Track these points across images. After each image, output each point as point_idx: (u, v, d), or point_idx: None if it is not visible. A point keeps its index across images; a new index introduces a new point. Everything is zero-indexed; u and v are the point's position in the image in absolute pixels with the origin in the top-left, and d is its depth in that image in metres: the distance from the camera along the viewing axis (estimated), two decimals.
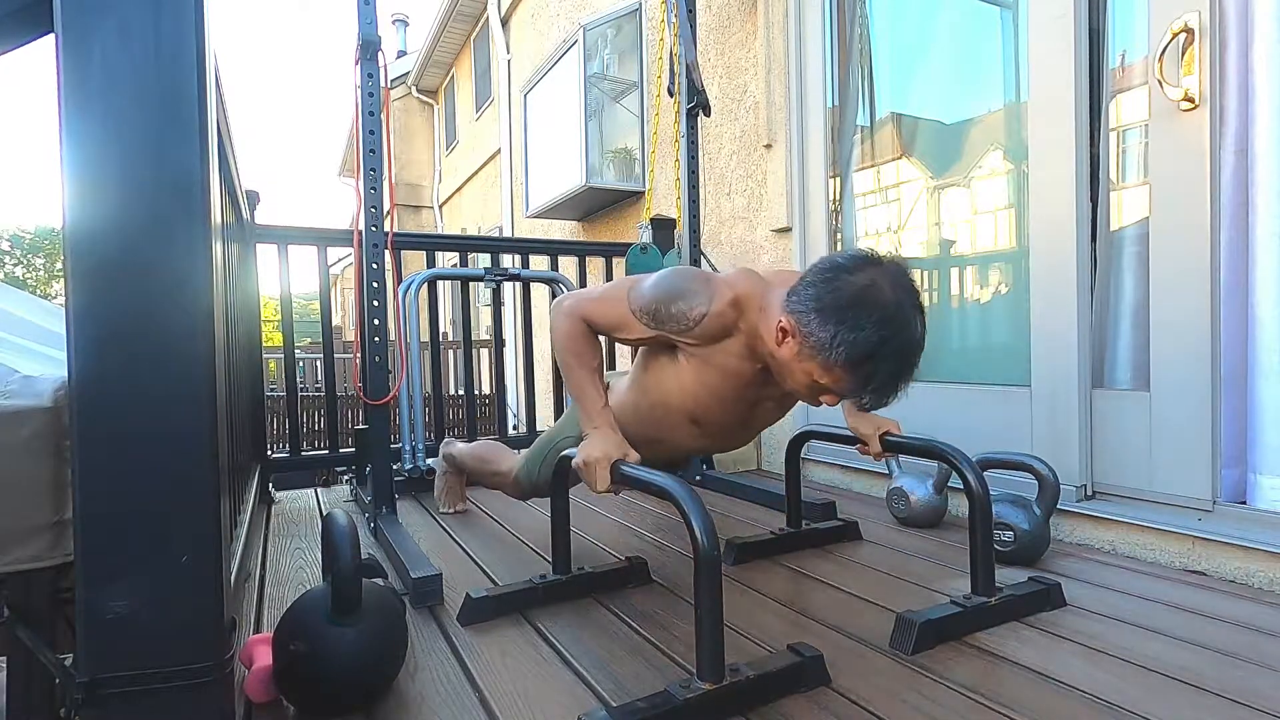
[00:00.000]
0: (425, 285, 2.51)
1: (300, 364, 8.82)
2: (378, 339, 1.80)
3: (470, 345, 2.77)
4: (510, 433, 2.84)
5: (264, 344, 2.41)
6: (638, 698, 0.91)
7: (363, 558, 0.99)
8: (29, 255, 33.90)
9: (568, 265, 3.19)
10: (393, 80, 10.95)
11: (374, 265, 1.79)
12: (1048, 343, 1.75)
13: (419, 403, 2.41)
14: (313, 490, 2.52)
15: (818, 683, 1.00)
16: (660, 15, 2.38)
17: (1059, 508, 1.63)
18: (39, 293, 29.67)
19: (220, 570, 0.77)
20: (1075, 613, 1.26)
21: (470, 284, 2.66)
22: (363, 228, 1.77)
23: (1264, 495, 1.41)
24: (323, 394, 5.84)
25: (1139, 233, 1.63)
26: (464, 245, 2.82)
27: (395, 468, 2.20)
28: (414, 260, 2.78)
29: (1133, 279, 1.66)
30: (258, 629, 1.28)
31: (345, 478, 2.70)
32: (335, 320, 16.32)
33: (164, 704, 0.74)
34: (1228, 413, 1.46)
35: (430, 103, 11.71)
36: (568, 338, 1.30)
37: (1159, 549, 1.53)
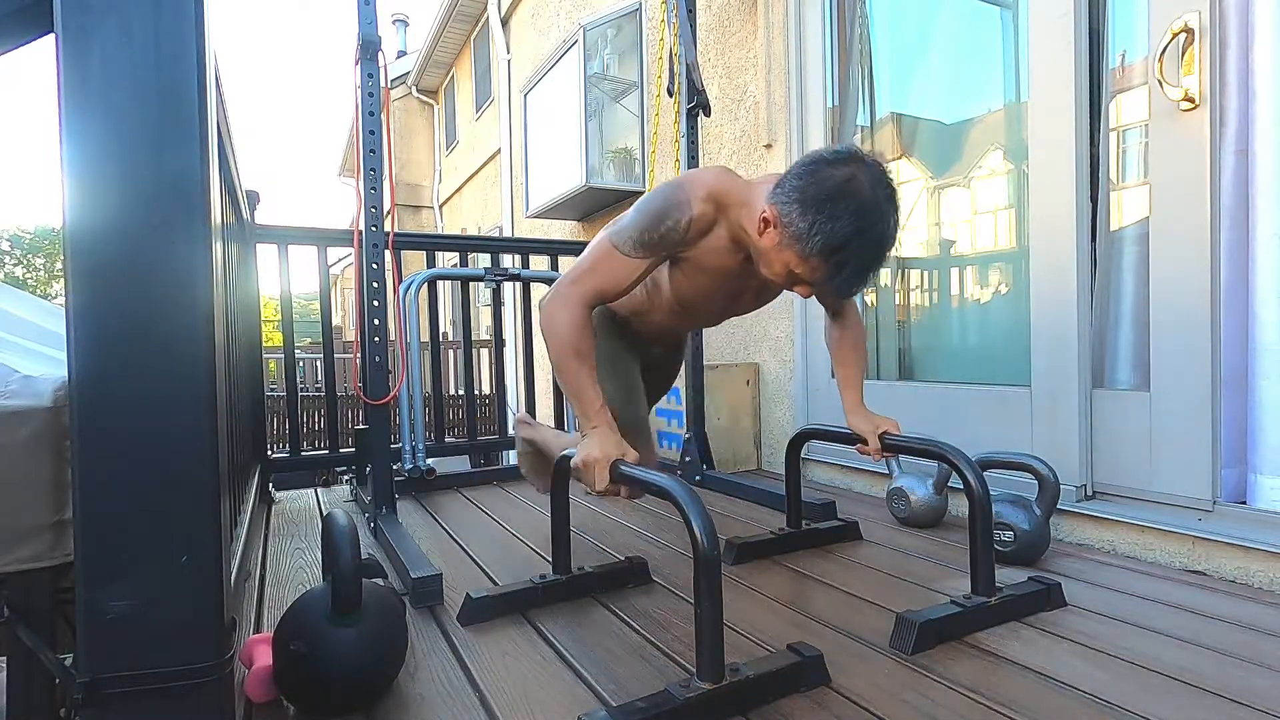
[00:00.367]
0: (425, 285, 2.51)
1: (300, 364, 8.82)
2: (378, 339, 1.80)
3: (470, 345, 2.77)
4: (510, 433, 2.84)
5: (264, 344, 2.41)
6: (638, 698, 0.91)
7: (363, 558, 0.99)
8: (29, 255, 33.90)
9: (567, 265, 3.19)
10: (393, 80, 10.95)
11: (374, 265, 1.79)
12: (1048, 343, 1.75)
13: (419, 403, 2.41)
14: (313, 490, 2.52)
15: (818, 683, 1.00)
16: (660, 15, 2.38)
17: (1059, 508, 1.63)
18: (39, 293, 29.67)
19: (220, 570, 0.77)
20: (1075, 613, 1.26)
21: (470, 284, 2.66)
22: (363, 228, 1.77)
23: (1264, 495, 1.41)
24: (323, 394, 5.84)
25: (1139, 233, 1.63)
26: (464, 245, 2.83)
27: (395, 468, 2.20)
28: (414, 260, 2.78)
29: (1133, 279, 1.66)
30: (258, 629, 1.28)
31: (345, 478, 2.70)
32: (335, 320, 16.32)
33: (164, 704, 0.74)
34: (1228, 413, 1.46)
35: (430, 103, 11.71)
36: (569, 331, 1.27)
37: (1159, 549, 1.53)
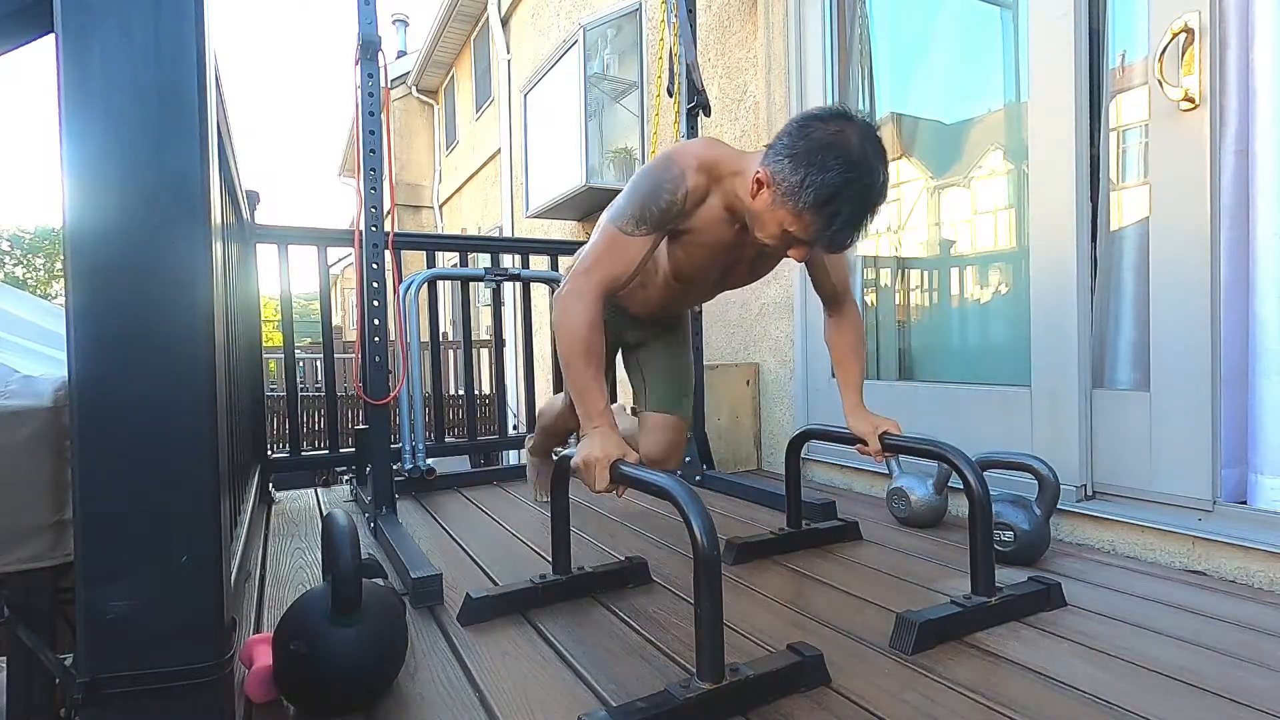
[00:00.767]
0: (425, 285, 2.51)
1: (300, 364, 8.82)
2: (378, 339, 1.80)
3: (470, 345, 2.76)
4: (510, 433, 2.84)
5: (264, 344, 2.41)
6: (638, 698, 0.91)
7: (363, 558, 0.99)
8: (29, 255, 33.90)
9: (568, 265, 3.19)
10: (393, 80, 10.95)
11: (374, 265, 1.79)
12: (1048, 343, 1.75)
13: (419, 403, 2.41)
14: (313, 490, 2.52)
15: (818, 683, 1.00)
16: (660, 15, 2.38)
17: (1059, 508, 1.63)
18: (39, 293, 29.67)
19: (220, 570, 0.77)
20: (1075, 613, 1.26)
21: (470, 284, 2.66)
22: (363, 228, 1.77)
23: (1264, 495, 1.41)
24: (323, 394, 5.84)
25: (1139, 233, 1.63)
26: (464, 245, 2.82)
27: (395, 468, 2.20)
28: (414, 260, 2.78)
29: (1133, 279, 1.66)
30: (258, 629, 1.28)
31: (345, 478, 2.70)
32: (335, 320, 16.32)
33: (164, 704, 0.74)
34: (1228, 413, 1.46)
35: (430, 103, 11.71)
36: (583, 328, 1.24)
37: (1159, 549, 1.53)
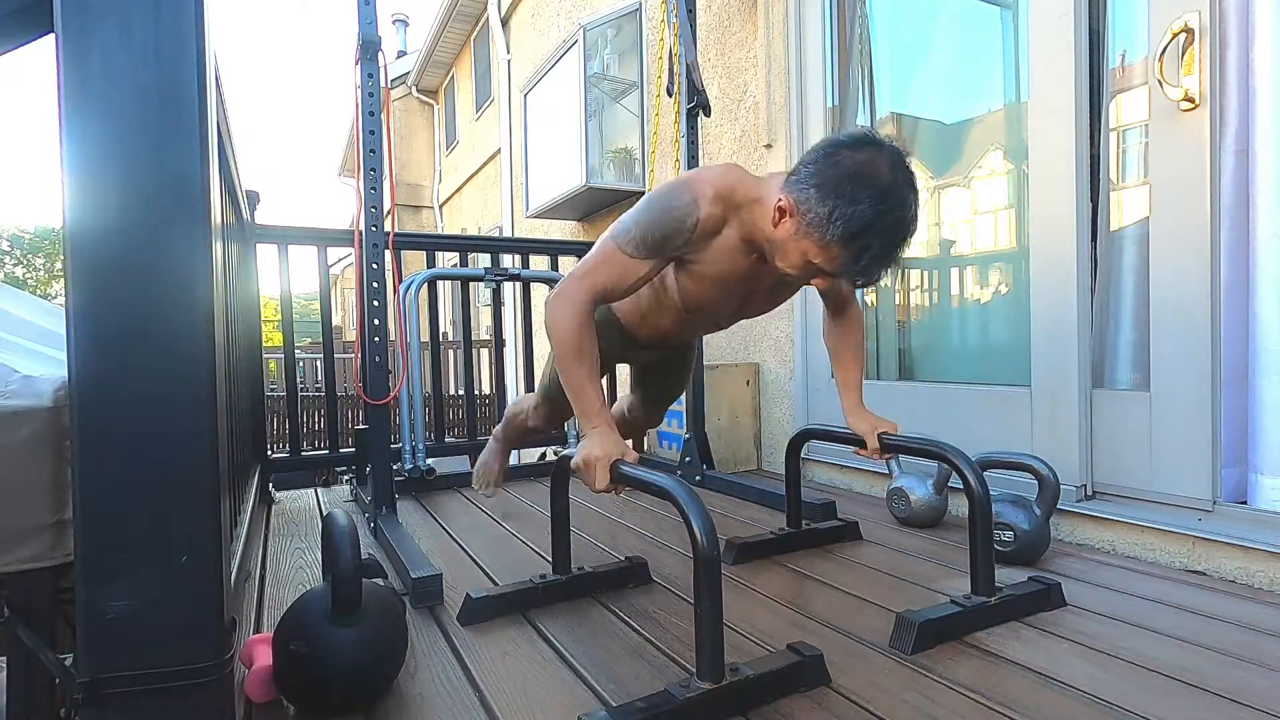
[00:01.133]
0: (425, 285, 2.51)
1: (300, 364, 8.82)
2: (378, 339, 1.80)
3: (470, 345, 2.77)
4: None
5: (264, 344, 2.41)
6: (638, 698, 0.91)
7: (363, 558, 0.99)
8: (29, 255, 33.90)
9: (568, 265, 3.18)
10: (393, 80, 10.95)
11: (374, 265, 1.79)
12: (1048, 343, 1.75)
13: (419, 403, 2.41)
14: (313, 490, 2.52)
15: (818, 682, 1.00)
16: (660, 15, 2.38)
17: (1059, 508, 1.63)
18: (39, 293, 29.67)
19: (220, 570, 0.77)
20: (1075, 613, 1.26)
21: (470, 284, 2.66)
22: (363, 228, 1.77)
23: (1264, 495, 1.41)
24: (323, 394, 5.84)
25: (1139, 233, 1.63)
26: (464, 245, 2.83)
27: (395, 468, 2.20)
28: (414, 260, 2.78)
29: (1133, 279, 1.66)
30: (258, 629, 1.28)
31: (345, 478, 2.70)
32: (335, 320, 16.32)
33: (164, 704, 0.74)
34: (1228, 413, 1.46)
35: (430, 103, 11.71)
36: (571, 330, 1.24)
37: (1159, 549, 1.53)
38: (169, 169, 0.74)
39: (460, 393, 6.35)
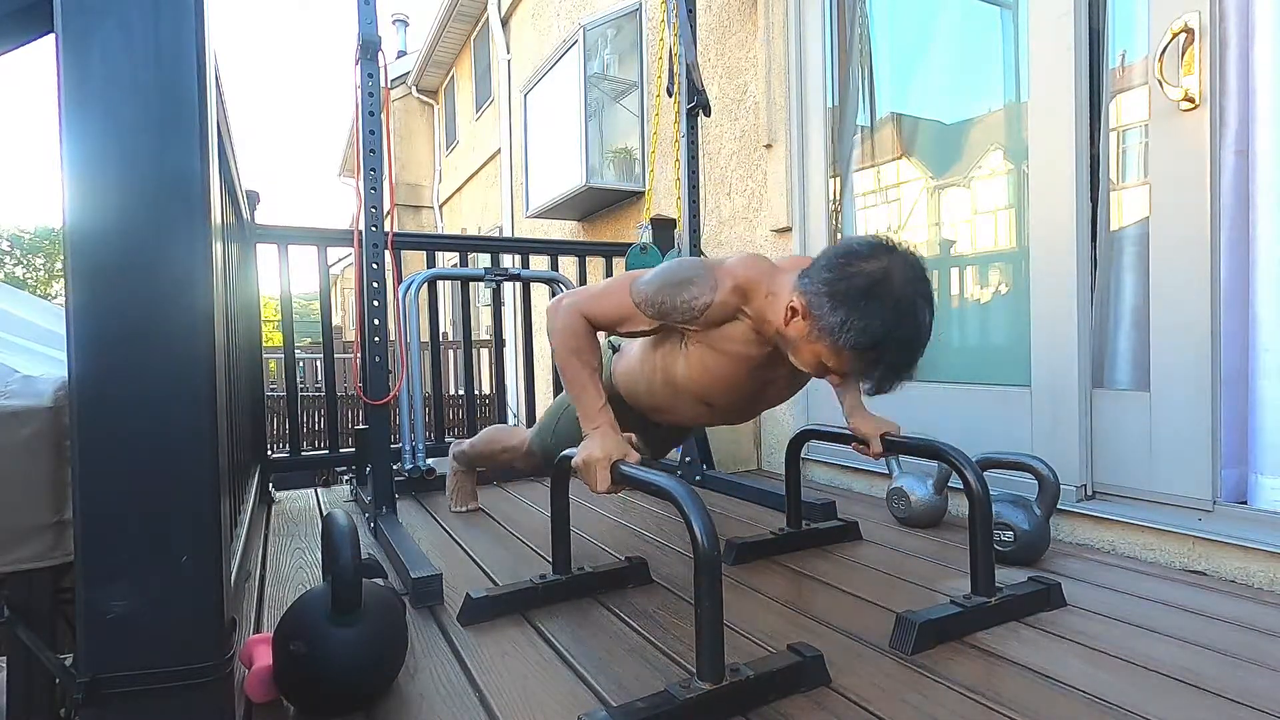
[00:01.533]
0: (425, 285, 2.51)
1: (300, 364, 8.82)
2: (378, 339, 1.80)
3: (470, 345, 2.77)
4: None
5: (264, 344, 2.41)
6: (638, 698, 0.91)
7: (363, 558, 0.99)
8: (29, 255, 33.89)
9: (568, 265, 3.19)
10: (393, 80, 10.95)
11: (374, 265, 1.79)
12: (1048, 343, 1.75)
13: (419, 403, 2.41)
14: (313, 490, 2.52)
15: (818, 683, 1.00)
16: (660, 15, 2.38)
17: (1059, 508, 1.63)
18: (39, 293, 29.66)
19: (220, 570, 0.77)
20: (1075, 613, 1.26)
21: (470, 284, 2.66)
22: (363, 228, 1.77)
23: (1264, 495, 1.41)
24: (323, 394, 5.84)
25: (1139, 233, 1.63)
26: (464, 245, 2.82)
27: (395, 468, 2.20)
28: (414, 260, 2.78)
29: (1133, 279, 1.66)
30: (258, 629, 1.28)
31: (345, 478, 2.70)
32: (335, 320, 16.32)
33: (164, 704, 0.74)
34: (1228, 413, 1.46)
35: (430, 103, 11.71)
36: (568, 335, 1.29)
37: (1159, 549, 1.53)
38: (169, 169, 0.74)
39: (460, 393, 6.35)
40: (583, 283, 2.92)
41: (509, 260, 2.83)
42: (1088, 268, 1.70)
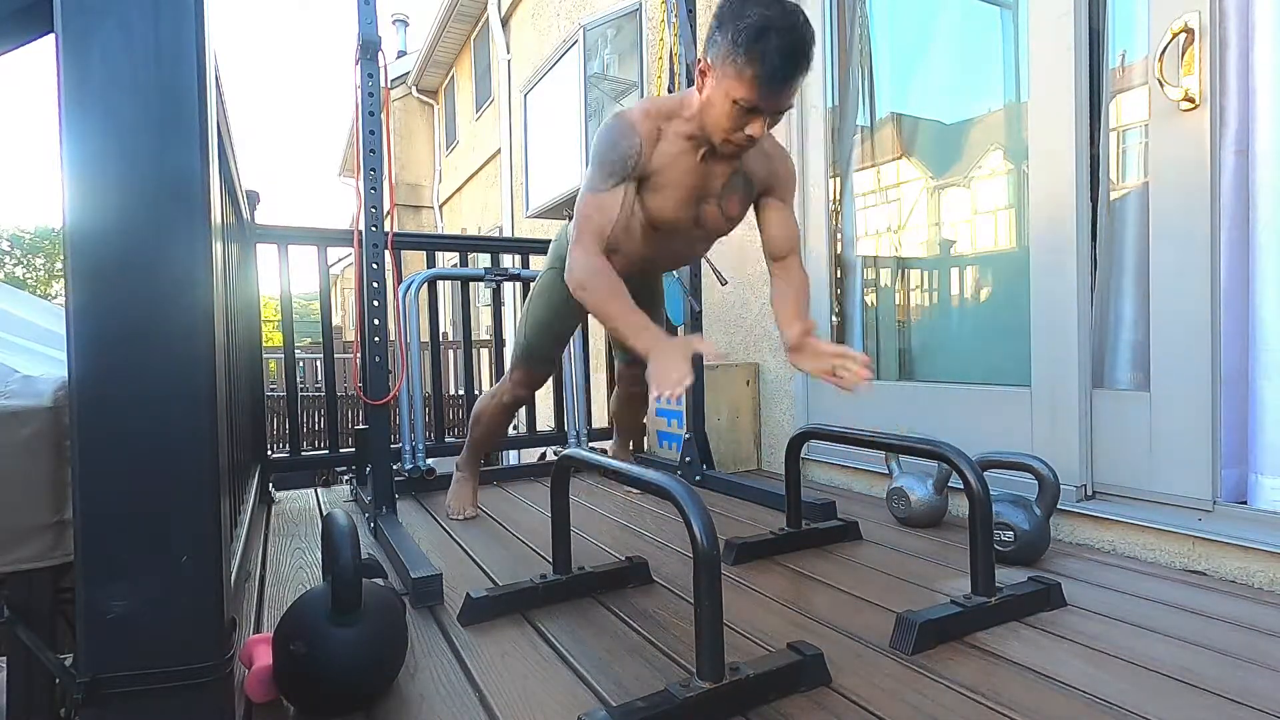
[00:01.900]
0: (425, 285, 2.51)
1: (300, 364, 8.82)
2: (378, 339, 1.80)
3: (470, 345, 2.77)
4: (510, 433, 2.84)
5: (264, 344, 2.41)
6: (638, 697, 0.91)
7: (363, 558, 0.99)
8: (29, 255, 33.91)
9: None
10: (393, 80, 10.95)
11: (374, 265, 1.79)
12: (1048, 343, 1.75)
13: (419, 403, 2.41)
14: (313, 490, 2.52)
15: (818, 682, 1.01)
16: (660, 15, 2.38)
17: (1059, 508, 1.63)
18: (39, 293, 29.67)
19: (220, 570, 0.77)
20: (1075, 613, 1.26)
21: (470, 284, 2.66)
22: (363, 228, 1.77)
23: (1264, 495, 1.41)
24: (323, 394, 5.84)
25: (1139, 233, 1.63)
26: (464, 245, 2.83)
27: (395, 468, 2.20)
28: (414, 260, 2.78)
29: (1133, 279, 1.66)
30: (258, 629, 1.28)
31: (345, 478, 2.70)
32: (335, 320, 16.32)
33: (164, 704, 0.74)
34: (1228, 413, 1.46)
35: (430, 103, 11.71)
36: (592, 279, 1.37)
37: (1159, 549, 1.53)
38: (169, 169, 0.74)
39: (460, 393, 6.35)
40: None
41: (509, 260, 2.83)
42: (1088, 268, 1.70)
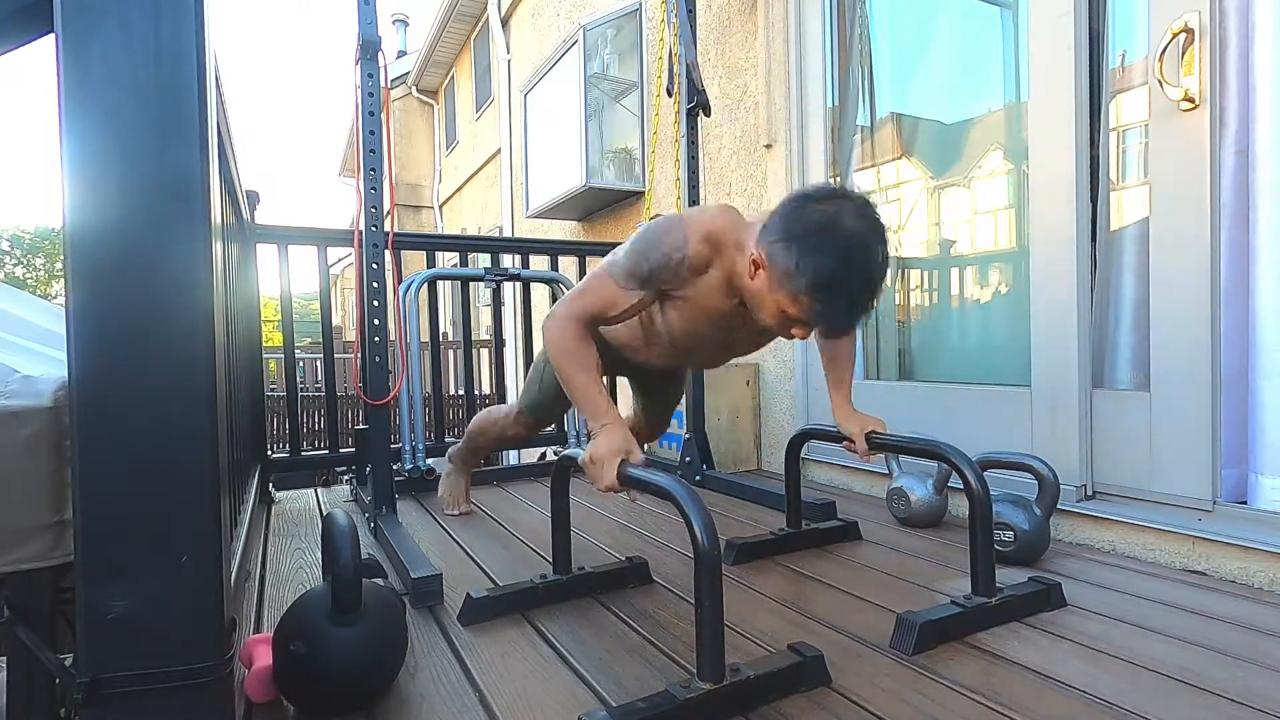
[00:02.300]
0: (425, 285, 2.51)
1: (300, 364, 8.82)
2: (378, 339, 1.80)
3: (470, 345, 2.77)
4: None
5: (264, 344, 2.41)
6: (638, 698, 0.91)
7: (363, 558, 0.99)
8: (29, 255, 33.91)
9: (568, 265, 3.19)
10: (393, 80, 10.95)
11: (374, 265, 1.79)
12: (1048, 343, 1.75)
13: (419, 403, 2.41)
14: (313, 490, 2.52)
15: (818, 683, 1.00)
16: (660, 15, 2.38)
17: (1059, 508, 1.63)
18: (39, 293, 29.67)
19: (220, 570, 0.77)
20: (1075, 613, 1.26)
21: (470, 284, 2.66)
22: (363, 228, 1.77)
23: (1264, 495, 1.41)
24: (323, 394, 5.84)
25: (1139, 233, 1.63)
26: (464, 245, 2.82)
27: (395, 468, 2.20)
28: (414, 260, 2.78)
29: (1133, 279, 1.66)
30: (258, 629, 1.28)
31: (345, 478, 2.70)
32: (335, 320, 16.32)
33: (164, 704, 0.74)
34: (1228, 413, 1.46)
35: (430, 103, 11.71)
36: (565, 344, 1.31)
37: (1159, 549, 1.53)
38: (169, 169, 0.74)
39: (460, 393, 6.35)
40: None
41: (509, 260, 2.83)
42: (1088, 268, 1.70)
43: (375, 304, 1.79)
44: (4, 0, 0.75)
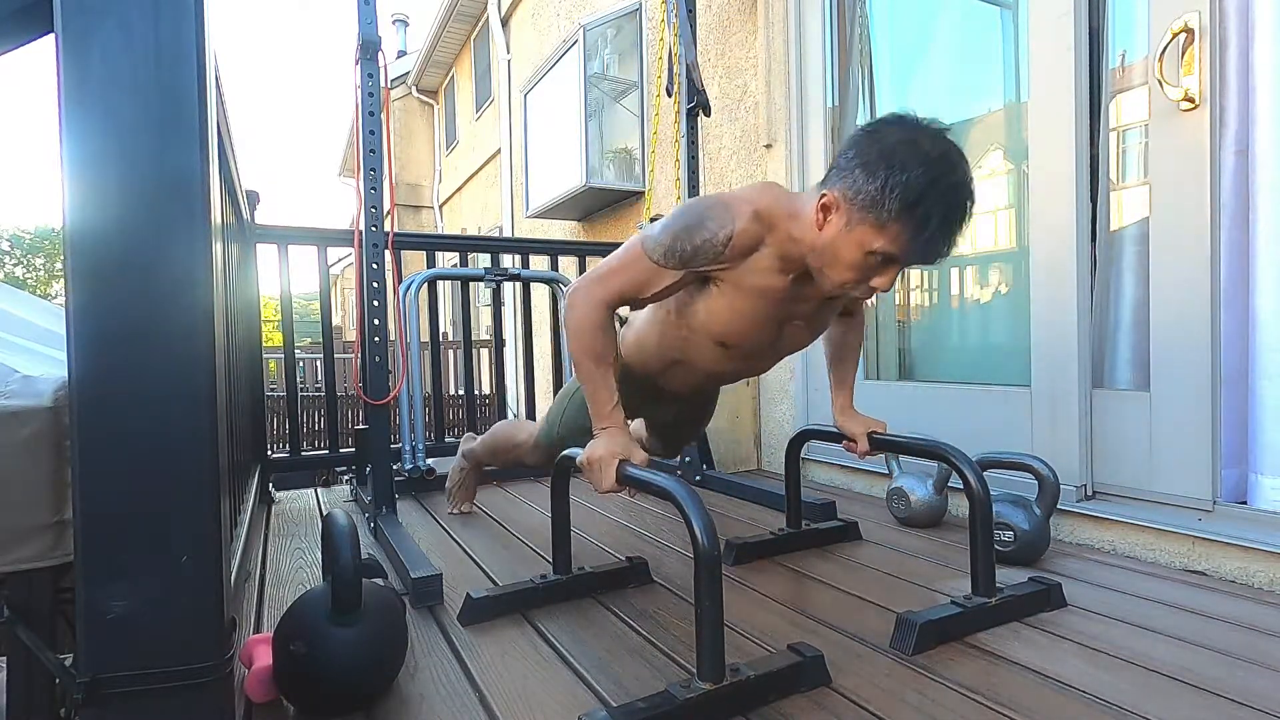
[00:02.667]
0: (425, 285, 2.51)
1: (300, 364, 8.82)
2: (378, 339, 1.80)
3: (470, 345, 2.77)
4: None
5: (264, 344, 2.41)
6: (638, 698, 0.91)
7: (363, 558, 0.99)
8: (29, 255, 33.91)
9: (568, 265, 3.19)
10: (393, 80, 10.95)
11: (374, 265, 1.79)
12: (1048, 343, 1.75)
13: (419, 403, 2.41)
14: (313, 490, 2.52)
15: (818, 683, 1.00)
16: (660, 15, 2.38)
17: (1059, 508, 1.63)
18: (39, 293, 29.68)
19: (220, 570, 0.77)
20: (1075, 613, 1.26)
21: (470, 284, 2.66)
22: (363, 228, 1.77)
23: (1264, 495, 1.41)
24: (323, 394, 5.84)
25: (1139, 233, 1.63)
26: (464, 245, 2.82)
27: (395, 468, 2.20)
28: (414, 260, 2.78)
29: (1133, 279, 1.66)
30: (258, 629, 1.28)
31: (345, 478, 2.70)
32: (335, 320, 16.32)
33: (164, 704, 0.74)
34: (1228, 413, 1.46)
35: (430, 103, 11.71)
36: (588, 331, 1.22)
37: (1159, 549, 1.53)
38: (169, 169, 0.74)
39: (460, 393, 6.35)
40: None
41: (509, 260, 2.83)
42: (1088, 268, 1.70)
43: (375, 304, 1.79)
44: (4, 0, 0.75)
